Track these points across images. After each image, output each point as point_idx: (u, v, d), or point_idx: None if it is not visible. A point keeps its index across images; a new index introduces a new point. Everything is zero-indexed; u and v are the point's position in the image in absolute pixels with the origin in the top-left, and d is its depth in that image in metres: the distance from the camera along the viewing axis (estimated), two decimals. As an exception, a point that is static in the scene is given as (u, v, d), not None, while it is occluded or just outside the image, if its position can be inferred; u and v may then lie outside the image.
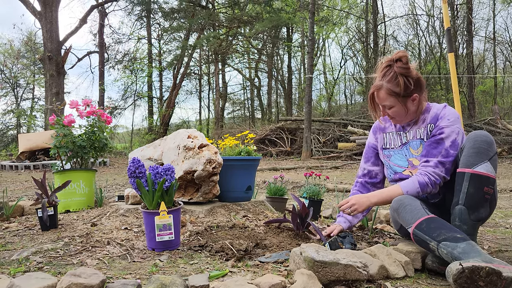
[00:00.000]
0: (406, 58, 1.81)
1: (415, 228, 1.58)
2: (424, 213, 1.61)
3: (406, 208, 1.68)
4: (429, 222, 1.56)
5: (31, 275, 1.28)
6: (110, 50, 19.41)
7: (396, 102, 1.81)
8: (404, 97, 1.80)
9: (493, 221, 2.86)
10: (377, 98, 1.87)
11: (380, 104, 1.87)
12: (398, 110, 1.83)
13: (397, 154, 1.94)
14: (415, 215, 1.62)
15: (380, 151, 2.04)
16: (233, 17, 17.59)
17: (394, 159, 1.95)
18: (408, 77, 1.79)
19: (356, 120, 13.84)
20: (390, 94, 1.80)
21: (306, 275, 1.31)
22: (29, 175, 8.06)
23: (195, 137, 2.35)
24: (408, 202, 1.70)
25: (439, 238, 1.49)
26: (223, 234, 1.98)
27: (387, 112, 1.86)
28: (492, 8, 19.62)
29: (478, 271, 1.27)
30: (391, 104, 1.82)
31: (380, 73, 1.85)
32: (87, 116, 2.97)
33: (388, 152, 1.99)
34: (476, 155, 1.63)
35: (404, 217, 1.67)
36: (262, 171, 8.36)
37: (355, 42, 23.00)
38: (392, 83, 1.79)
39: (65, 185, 2.31)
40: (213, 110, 22.62)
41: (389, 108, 1.84)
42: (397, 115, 1.85)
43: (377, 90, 1.84)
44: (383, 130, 2.04)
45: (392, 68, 1.81)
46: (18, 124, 21.91)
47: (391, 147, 1.98)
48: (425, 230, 1.55)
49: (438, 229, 1.52)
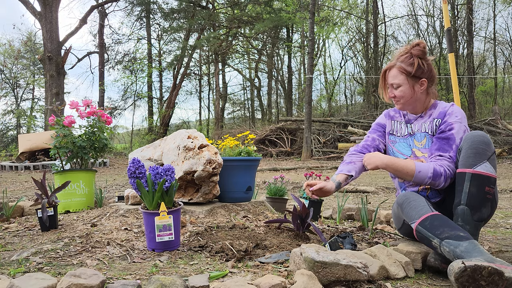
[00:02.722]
0: (424, 44, 1.88)
1: (418, 224, 1.58)
2: (429, 209, 1.62)
3: (411, 203, 1.68)
4: (433, 219, 1.56)
5: (31, 276, 1.28)
6: (110, 50, 19.43)
7: (405, 81, 1.84)
8: (414, 78, 1.83)
9: (494, 221, 2.86)
10: (387, 77, 1.90)
11: (389, 82, 1.90)
12: (405, 91, 1.85)
13: (402, 142, 1.96)
14: (419, 211, 1.62)
15: (387, 135, 2.06)
16: (233, 18, 17.61)
17: (399, 146, 1.96)
18: (422, 59, 1.84)
19: (356, 121, 13.85)
20: (402, 71, 1.84)
21: (306, 275, 1.31)
22: (29, 175, 8.06)
23: (195, 138, 2.35)
24: (413, 198, 1.70)
25: (442, 236, 1.49)
26: (223, 235, 1.98)
27: (394, 93, 1.88)
28: (492, 8, 19.62)
29: (480, 270, 1.27)
30: (400, 82, 1.85)
31: (396, 58, 1.90)
32: (87, 116, 2.97)
33: (394, 138, 2.01)
34: (475, 155, 1.63)
35: (408, 212, 1.67)
36: (262, 171, 8.36)
37: (355, 43, 22.99)
38: (406, 62, 1.85)
39: (65, 185, 2.31)
40: (213, 111, 22.63)
41: (397, 87, 1.86)
42: (403, 96, 1.86)
43: (390, 68, 1.89)
44: (391, 118, 2.07)
45: (409, 52, 1.86)
46: (18, 124, 21.92)
47: (397, 135, 2.00)
48: (429, 227, 1.55)
49: (442, 226, 1.52)
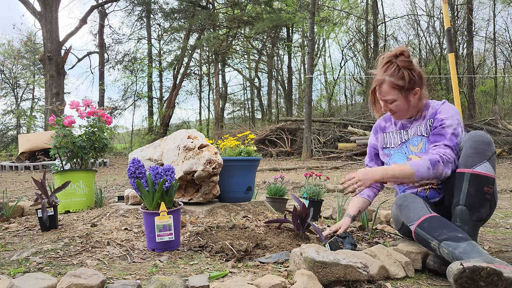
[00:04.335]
0: (408, 52, 1.81)
1: (417, 226, 1.58)
2: (427, 211, 1.61)
3: (409, 205, 1.68)
4: (431, 221, 1.56)
5: (31, 276, 1.28)
6: (110, 50, 19.42)
7: (399, 95, 1.80)
8: (407, 91, 1.79)
9: (493, 221, 2.86)
10: (378, 93, 1.84)
11: (381, 98, 1.84)
12: (400, 104, 1.82)
13: (397, 152, 1.94)
14: (417, 213, 1.62)
15: (380, 150, 2.05)
16: (233, 17, 17.61)
17: (394, 158, 1.95)
18: (411, 70, 1.79)
19: (356, 121, 13.84)
20: (394, 87, 1.79)
21: (306, 275, 1.31)
22: (29, 175, 8.06)
23: (195, 138, 2.35)
24: (411, 200, 1.70)
25: (440, 238, 1.49)
26: (223, 235, 1.98)
27: (389, 107, 1.84)
28: (492, 8, 19.60)
29: (479, 271, 1.27)
30: (394, 98, 1.80)
31: (380, 69, 1.83)
32: (87, 116, 2.97)
33: (388, 151, 1.99)
34: (475, 155, 1.63)
35: (406, 214, 1.67)
36: (262, 171, 8.36)
37: (355, 43, 22.99)
38: (395, 76, 1.78)
39: (65, 185, 2.31)
40: (213, 111, 22.61)
41: (391, 103, 1.82)
42: (399, 110, 1.84)
43: (380, 84, 1.82)
44: (383, 130, 2.04)
45: (394, 63, 1.80)
46: (18, 124, 21.91)
47: (391, 146, 1.98)
48: (427, 229, 1.54)
49: (440, 228, 1.52)
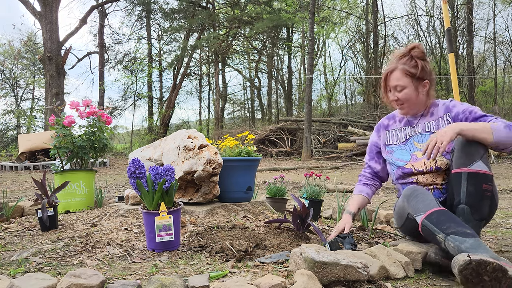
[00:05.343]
0: (422, 47, 1.87)
1: (425, 218, 1.58)
2: (436, 204, 1.62)
3: (419, 196, 1.68)
4: (439, 214, 1.56)
5: (31, 276, 1.28)
6: (110, 50, 19.42)
7: (410, 83, 1.83)
8: (418, 80, 1.83)
9: (494, 221, 2.86)
10: (390, 80, 1.88)
11: (392, 85, 1.88)
12: (410, 93, 1.84)
13: (400, 149, 1.96)
14: (427, 205, 1.62)
15: (382, 147, 2.06)
16: (233, 18, 17.60)
17: (397, 154, 1.96)
18: (425, 61, 1.84)
19: (356, 121, 13.84)
20: (406, 74, 1.83)
21: (306, 275, 1.31)
22: (29, 175, 8.06)
23: (195, 138, 2.35)
24: (422, 191, 1.71)
25: (448, 231, 1.49)
26: (223, 235, 1.98)
27: (397, 96, 1.87)
28: (492, 8, 19.59)
29: (485, 265, 1.27)
30: (404, 84, 1.84)
31: (394, 59, 1.89)
32: (87, 116, 2.97)
33: (390, 148, 2.01)
34: (467, 155, 1.64)
35: (414, 205, 1.67)
36: (262, 171, 8.36)
37: (355, 43, 22.96)
38: (408, 64, 1.84)
39: (65, 185, 2.31)
40: (213, 111, 22.60)
41: (401, 90, 1.85)
42: (407, 99, 1.86)
43: (392, 70, 1.87)
44: (386, 128, 2.07)
45: (409, 55, 1.85)
46: (18, 124, 21.90)
47: (394, 143, 2.00)
48: (435, 221, 1.55)
49: (448, 222, 1.52)
